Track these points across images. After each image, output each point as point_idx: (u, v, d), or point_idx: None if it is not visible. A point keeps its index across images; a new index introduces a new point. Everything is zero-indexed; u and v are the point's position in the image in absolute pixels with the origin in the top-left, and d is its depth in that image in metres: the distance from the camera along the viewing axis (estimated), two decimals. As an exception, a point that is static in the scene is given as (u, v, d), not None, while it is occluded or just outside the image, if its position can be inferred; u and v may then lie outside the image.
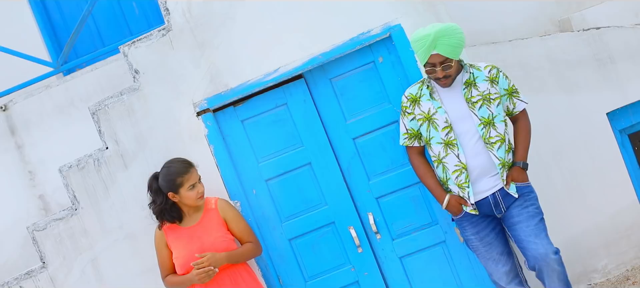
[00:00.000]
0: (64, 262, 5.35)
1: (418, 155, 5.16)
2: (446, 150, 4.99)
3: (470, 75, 5.01)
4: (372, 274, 5.45)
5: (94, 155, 5.35)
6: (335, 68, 5.44)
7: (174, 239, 5.12)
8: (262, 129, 5.45)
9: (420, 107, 5.04)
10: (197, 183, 5.05)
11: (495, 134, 4.97)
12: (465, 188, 4.99)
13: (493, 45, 5.73)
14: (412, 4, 5.29)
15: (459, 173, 4.98)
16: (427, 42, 4.89)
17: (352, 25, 5.33)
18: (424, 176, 5.13)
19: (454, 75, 4.95)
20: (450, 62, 4.90)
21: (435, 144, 5.03)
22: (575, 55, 5.74)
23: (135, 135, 5.36)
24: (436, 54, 4.92)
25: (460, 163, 4.96)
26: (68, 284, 5.34)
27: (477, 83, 4.99)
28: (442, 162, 5.02)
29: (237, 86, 5.37)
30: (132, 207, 5.37)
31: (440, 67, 4.90)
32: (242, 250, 5.12)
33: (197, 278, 4.98)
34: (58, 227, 5.36)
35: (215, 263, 4.97)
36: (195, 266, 4.94)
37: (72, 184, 5.35)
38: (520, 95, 5.09)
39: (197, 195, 5.04)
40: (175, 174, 5.02)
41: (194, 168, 5.07)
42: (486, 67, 5.04)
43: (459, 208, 5.02)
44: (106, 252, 5.38)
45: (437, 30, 4.89)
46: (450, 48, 4.90)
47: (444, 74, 4.91)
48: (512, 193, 4.97)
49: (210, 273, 4.98)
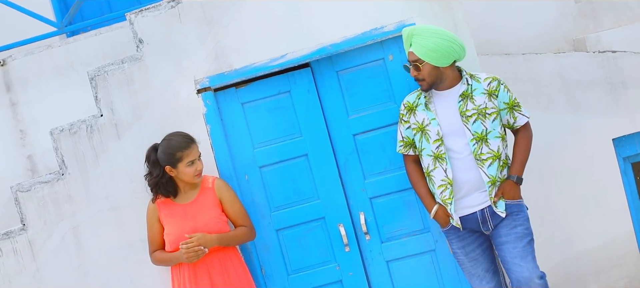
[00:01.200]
0: (44, 226, 5.20)
1: (413, 162, 5.05)
2: (435, 164, 4.87)
3: (468, 87, 4.86)
4: (357, 275, 5.31)
5: (88, 121, 5.20)
6: (344, 61, 5.28)
7: (166, 214, 4.98)
8: (262, 115, 5.29)
9: (415, 117, 4.94)
10: (196, 160, 4.91)
11: (488, 150, 4.83)
12: (448, 204, 4.87)
13: (506, 56, 5.63)
14: (429, 4, 5.14)
15: (443, 188, 4.87)
16: (406, 37, 4.87)
17: (365, 19, 5.18)
18: (416, 183, 5.02)
19: (428, 80, 4.82)
20: (421, 63, 4.78)
21: (425, 156, 4.91)
22: (587, 76, 5.66)
23: (132, 106, 5.20)
24: (411, 51, 4.86)
25: (446, 179, 4.85)
26: (46, 249, 5.19)
27: (474, 96, 4.85)
28: (430, 175, 4.90)
29: (241, 68, 5.20)
30: (120, 178, 5.21)
31: (412, 65, 4.82)
32: (234, 233, 4.99)
33: (185, 257, 4.83)
34: (43, 190, 5.20)
35: (205, 244, 4.84)
36: (184, 245, 4.79)
37: (62, 148, 5.19)
38: (522, 109, 4.94)
39: (195, 172, 4.89)
40: (175, 148, 4.87)
41: (195, 145, 4.93)
42: (486, 79, 4.89)
43: (446, 220, 4.90)
44: (89, 222, 5.22)
45: (415, 28, 4.86)
46: (423, 49, 4.80)
47: (415, 73, 4.82)
48: (499, 212, 4.83)
49: (199, 253, 4.84)
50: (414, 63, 4.84)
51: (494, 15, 6.21)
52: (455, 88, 4.92)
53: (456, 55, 4.85)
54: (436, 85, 4.88)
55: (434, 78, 4.85)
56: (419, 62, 4.82)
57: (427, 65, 4.81)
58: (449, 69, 4.87)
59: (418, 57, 4.81)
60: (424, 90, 4.89)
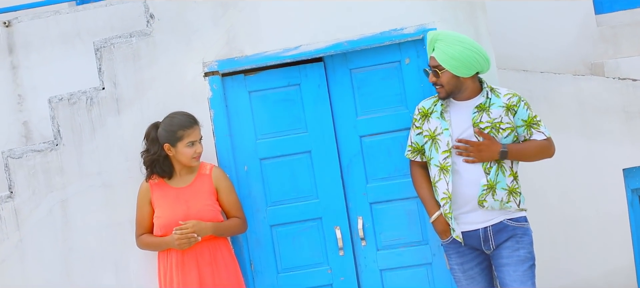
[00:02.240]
0: (32, 196, 5.04)
1: (419, 167, 4.89)
2: (440, 175, 4.71)
3: (487, 100, 4.70)
4: (349, 281, 5.15)
5: (88, 93, 5.06)
6: (358, 59, 5.12)
7: (159, 196, 4.81)
8: (269, 105, 5.12)
9: (428, 124, 4.77)
10: (197, 142, 4.77)
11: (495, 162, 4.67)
12: (449, 218, 4.70)
13: (523, 73, 5.56)
14: (452, 10, 5.00)
15: (444, 202, 4.71)
16: (430, 40, 4.74)
17: (385, 18, 5.03)
18: (419, 186, 4.87)
19: (446, 88, 4.66)
20: (441, 70, 4.62)
21: (432, 166, 4.75)
22: (604, 102, 5.59)
23: (136, 82, 5.04)
24: (432, 56, 4.72)
25: (447, 193, 4.68)
26: (32, 220, 5.04)
27: (490, 109, 4.69)
28: (436, 186, 4.75)
29: (252, 55, 5.04)
30: (116, 155, 5.05)
31: (432, 70, 4.66)
32: (228, 223, 4.84)
33: (177, 243, 4.68)
34: (34, 158, 5.04)
35: (200, 231, 4.69)
36: (178, 231, 4.65)
37: (59, 118, 5.05)
38: (541, 127, 4.74)
39: (193, 154, 4.74)
40: (177, 126, 4.73)
41: (198, 126, 4.78)
42: (506, 95, 4.72)
43: (445, 230, 4.74)
44: (78, 196, 5.06)
45: (440, 33, 4.72)
46: (445, 56, 4.65)
47: (434, 79, 4.66)
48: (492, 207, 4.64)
49: (192, 240, 4.69)
50: (434, 68, 4.66)
51: (514, 29, 6.15)
52: (473, 99, 4.73)
53: (479, 67, 4.65)
54: (454, 95, 4.69)
55: (452, 87, 4.66)
56: (439, 69, 4.63)
57: (447, 72, 4.63)
58: (469, 80, 4.67)
59: (439, 63, 4.63)
60: (441, 97, 4.70)
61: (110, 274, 5.03)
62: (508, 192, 4.66)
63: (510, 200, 4.66)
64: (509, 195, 4.66)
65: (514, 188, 4.70)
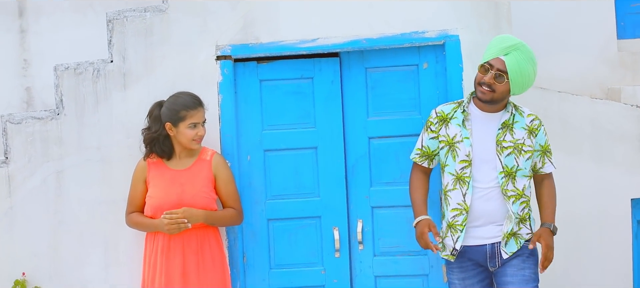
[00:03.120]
0: (27, 164, 4.93)
1: (419, 171, 4.71)
2: (455, 184, 4.53)
3: (511, 117, 4.55)
4: (342, 284, 5.03)
5: (96, 65, 4.93)
6: (375, 58, 5.00)
7: (155, 176, 4.66)
8: (279, 96, 4.99)
9: (447, 129, 4.58)
10: (199, 124, 4.62)
11: (513, 188, 4.52)
12: (458, 230, 4.52)
13: (540, 90, 5.29)
14: (477, 19, 4.89)
15: (457, 213, 4.53)
16: (505, 44, 4.49)
17: (406, 20, 4.91)
18: (415, 189, 4.70)
19: (495, 96, 4.47)
20: (505, 76, 4.43)
21: (447, 173, 4.57)
22: (619, 128, 5.35)
23: (146, 58, 4.92)
24: (501, 60, 4.48)
25: (463, 204, 4.51)
26: (25, 188, 4.92)
27: (514, 128, 4.54)
28: (447, 194, 4.56)
29: (268, 43, 4.91)
30: (117, 131, 4.93)
31: (494, 72, 4.44)
32: (222, 213, 4.70)
33: (166, 227, 4.52)
34: (34, 126, 4.91)
35: (191, 218, 4.54)
36: (168, 215, 4.50)
37: (63, 86, 4.91)
38: (552, 157, 4.66)
39: (194, 136, 4.59)
40: (180, 105, 4.59)
41: (202, 108, 4.64)
42: (529, 116, 4.60)
43: (424, 235, 4.56)
44: (75, 169, 4.95)
45: (521, 43, 4.50)
46: (516, 68, 4.47)
47: (492, 81, 4.44)
48: (505, 251, 4.54)
49: (182, 226, 4.54)
50: (499, 72, 4.45)
51: (535, 45, 5.62)
52: (498, 114, 4.57)
53: (523, 91, 4.57)
54: (490, 105, 4.53)
55: (499, 97, 4.49)
56: (504, 75, 4.44)
57: (507, 83, 4.46)
58: None
59: (506, 70, 4.43)
60: (484, 99, 4.49)
61: (98, 251, 4.94)
62: (518, 221, 4.55)
63: (521, 228, 4.56)
64: (518, 224, 4.55)
65: (524, 216, 4.58)
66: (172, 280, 4.59)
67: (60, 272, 4.92)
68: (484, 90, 4.45)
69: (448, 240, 4.57)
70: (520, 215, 4.55)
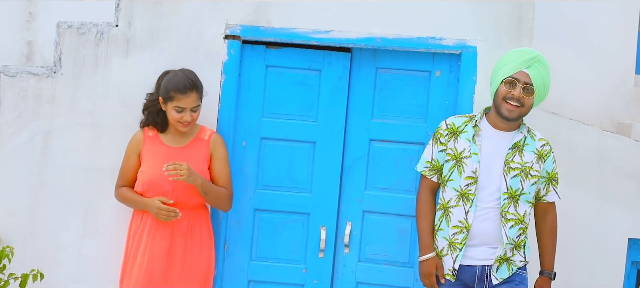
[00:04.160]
0: (17, 119, 4.78)
1: (429, 191, 4.50)
2: (458, 201, 4.34)
3: (523, 139, 4.38)
4: (322, 285, 4.87)
5: (100, 27, 4.77)
6: (388, 59, 4.83)
7: (149, 151, 4.49)
8: (284, 85, 4.83)
9: (456, 143, 4.38)
10: (187, 110, 4.41)
11: (513, 212, 4.33)
12: (456, 249, 4.34)
13: (552, 115, 5.11)
14: (497, 32, 4.75)
15: (458, 231, 4.34)
16: (527, 56, 4.34)
17: (425, 24, 4.77)
18: (423, 216, 4.49)
19: (522, 110, 4.33)
20: (532, 88, 4.31)
21: (450, 188, 4.36)
22: (628, 165, 5.16)
23: (152, 28, 4.76)
24: (525, 73, 4.32)
25: (465, 222, 4.32)
26: (10, 144, 4.79)
27: (524, 151, 4.37)
28: (449, 210, 4.36)
29: (279, 28, 4.76)
30: (113, 98, 4.79)
31: (522, 85, 4.28)
32: (218, 189, 4.53)
33: (155, 211, 4.37)
34: (28, 81, 4.76)
35: (189, 178, 4.34)
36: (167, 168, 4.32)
37: (64, 45, 4.76)
38: (558, 187, 4.48)
39: (180, 119, 4.41)
40: (172, 85, 4.43)
41: (194, 94, 4.44)
42: (541, 140, 4.43)
43: (432, 276, 4.40)
44: (64, 131, 4.81)
45: (540, 55, 4.37)
46: (541, 80, 4.35)
47: (520, 95, 4.29)
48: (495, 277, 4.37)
49: (171, 216, 4.37)
50: (526, 85, 4.29)
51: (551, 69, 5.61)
52: (510, 133, 4.39)
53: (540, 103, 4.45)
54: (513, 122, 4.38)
55: (526, 112, 4.36)
56: (530, 86, 4.30)
57: (533, 97, 4.33)
58: None
59: (531, 82, 4.29)
60: (511, 116, 4.32)
61: (77, 219, 4.78)
62: (513, 247, 4.39)
63: (514, 254, 4.39)
64: (513, 250, 4.38)
65: (519, 243, 4.41)
66: (156, 259, 4.43)
67: (35, 234, 4.80)
68: (512, 106, 4.29)
69: (447, 259, 4.37)
70: (516, 241, 4.38)
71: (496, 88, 4.34)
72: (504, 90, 4.30)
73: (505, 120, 4.30)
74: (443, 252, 4.37)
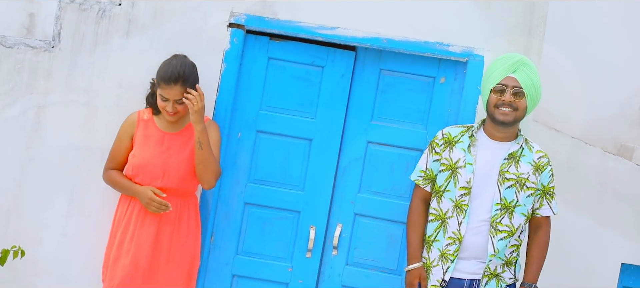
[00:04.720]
0: (10, 91, 4.65)
1: (421, 201, 4.40)
2: (453, 212, 4.24)
3: (520, 149, 4.25)
4: (307, 286, 4.76)
5: (103, 5, 4.63)
6: (393, 61, 4.69)
7: (142, 135, 4.37)
8: (285, 79, 4.70)
9: (451, 152, 4.27)
10: (172, 102, 4.26)
11: (508, 224, 4.22)
12: (448, 260, 4.24)
13: (555, 132, 5.05)
14: (506, 43, 4.63)
15: (451, 242, 4.24)
16: (511, 61, 4.26)
17: (433, 28, 4.64)
18: (413, 226, 4.40)
19: (517, 115, 4.24)
20: (522, 91, 4.21)
21: (446, 199, 4.26)
22: (626, 188, 5.07)
23: (155, 9, 4.63)
24: (512, 77, 4.24)
25: (457, 234, 4.22)
26: (2, 116, 4.67)
27: (520, 162, 4.25)
28: (446, 221, 4.26)
29: (285, 20, 4.62)
30: (110, 78, 4.65)
31: (511, 90, 4.18)
32: (212, 152, 4.37)
33: (145, 201, 4.27)
34: (26, 54, 4.63)
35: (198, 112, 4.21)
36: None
37: (64, 19, 4.63)
38: (553, 202, 4.35)
39: (164, 107, 4.26)
40: (161, 72, 4.33)
41: (177, 87, 4.26)
42: (538, 152, 4.31)
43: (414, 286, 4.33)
44: (57, 107, 4.68)
45: (525, 58, 4.28)
46: (530, 82, 4.24)
47: (511, 99, 4.20)
48: None
49: (162, 209, 4.27)
50: (515, 88, 4.19)
51: (557, 84, 5.68)
52: (507, 143, 4.28)
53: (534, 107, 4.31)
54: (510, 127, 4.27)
55: (520, 116, 4.24)
56: (520, 90, 4.19)
57: (525, 100, 4.22)
58: None
59: (521, 86, 4.19)
60: (506, 120, 4.22)
61: (62, 199, 4.66)
62: (504, 263, 4.28)
63: (505, 271, 4.29)
64: (503, 266, 4.28)
65: (511, 260, 4.31)
66: (143, 247, 4.30)
67: (19, 210, 4.69)
68: (505, 111, 4.19)
69: (437, 270, 4.25)
70: (508, 258, 4.27)
71: (487, 98, 4.25)
72: (494, 98, 4.23)
73: (502, 126, 4.20)
74: (433, 263, 4.27)
